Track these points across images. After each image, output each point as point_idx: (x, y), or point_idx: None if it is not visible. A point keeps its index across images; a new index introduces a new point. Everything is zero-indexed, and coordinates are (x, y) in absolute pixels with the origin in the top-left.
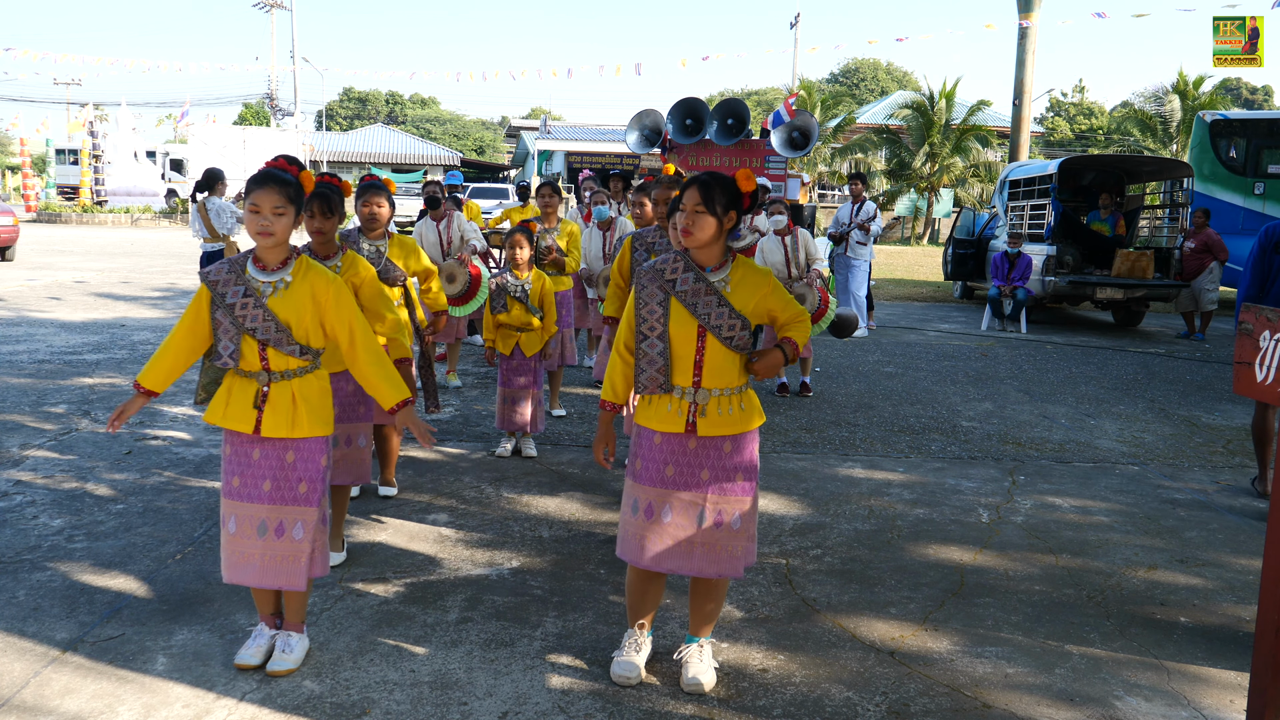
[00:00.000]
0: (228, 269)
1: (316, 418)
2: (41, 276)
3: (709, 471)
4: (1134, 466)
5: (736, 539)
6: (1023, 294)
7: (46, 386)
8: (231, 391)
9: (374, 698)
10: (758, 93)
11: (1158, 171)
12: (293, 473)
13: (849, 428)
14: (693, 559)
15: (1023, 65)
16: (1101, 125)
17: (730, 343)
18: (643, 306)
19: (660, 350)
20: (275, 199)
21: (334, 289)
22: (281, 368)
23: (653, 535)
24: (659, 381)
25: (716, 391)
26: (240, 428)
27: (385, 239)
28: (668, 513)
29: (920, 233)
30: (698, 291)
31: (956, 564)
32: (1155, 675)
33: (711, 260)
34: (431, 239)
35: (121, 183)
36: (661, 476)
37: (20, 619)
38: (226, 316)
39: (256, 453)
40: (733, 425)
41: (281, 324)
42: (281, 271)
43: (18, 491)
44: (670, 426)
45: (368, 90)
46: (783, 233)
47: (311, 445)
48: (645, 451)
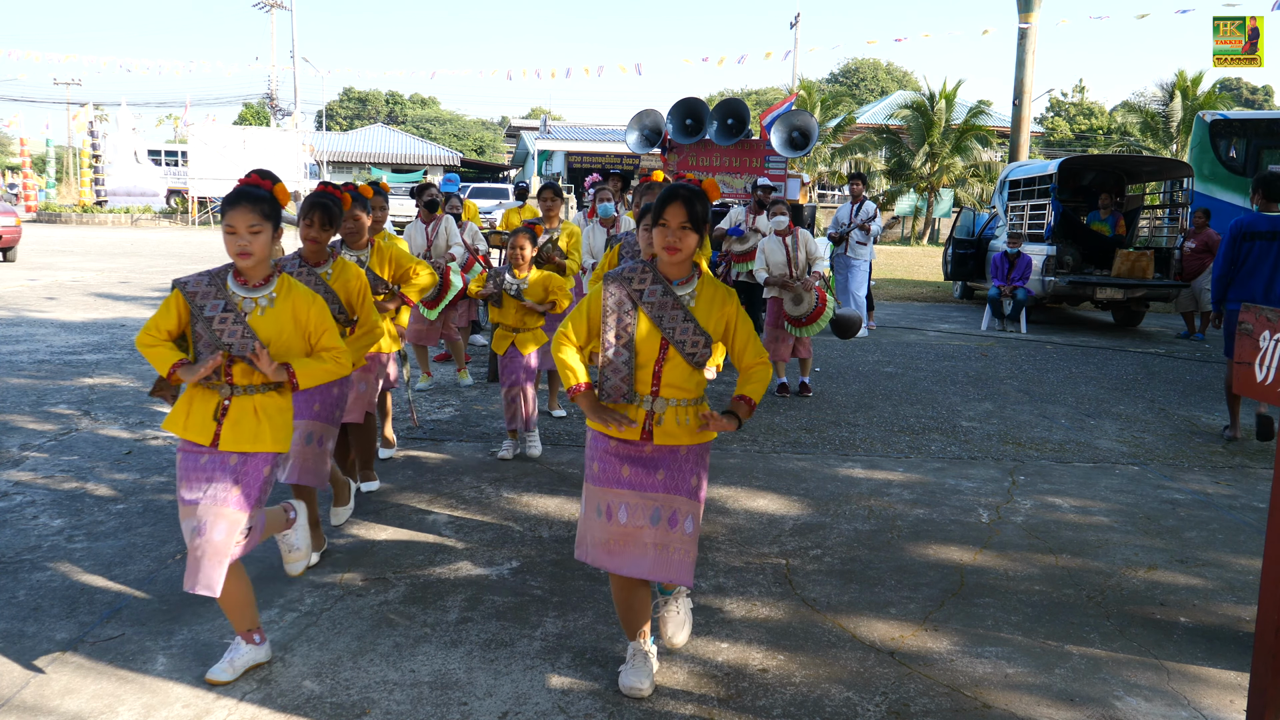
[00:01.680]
0: (207, 281)
1: (277, 434)
2: (42, 276)
3: (664, 472)
4: (1134, 466)
5: (687, 543)
6: (1023, 294)
7: (46, 386)
8: (193, 402)
9: (374, 698)
10: (757, 92)
11: (1158, 171)
12: (231, 475)
13: (849, 428)
14: (646, 560)
15: (1023, 65)
16: (1101, 125)
17: (692, 359)
18: (609, 314)
19: (625, 359)
20: (250, 217)
21: (315, 309)
22: (245, 382)
23: (610, 536)
24: (622, 390)
25: (674, 401)
26: (199, 439)
27: (367, 249)
28: (624, 513)
29: (920, 233)
30: (665, 305)
31: (956, 564)
32: (1155, 675)
33: (680, 274)
34: (419, 241)
35: (121, 183)
36: (617, 477)
37: (20, 619)
38: (205, 330)
39: (205, 458)
40: (689, 436)
41: (262, 343)
42: (265, 288)
43: (18, 492)
44: (626, 434)
45: (368, 90)
46: (784, 233)
47: (259, 456)
48: (601, 455)
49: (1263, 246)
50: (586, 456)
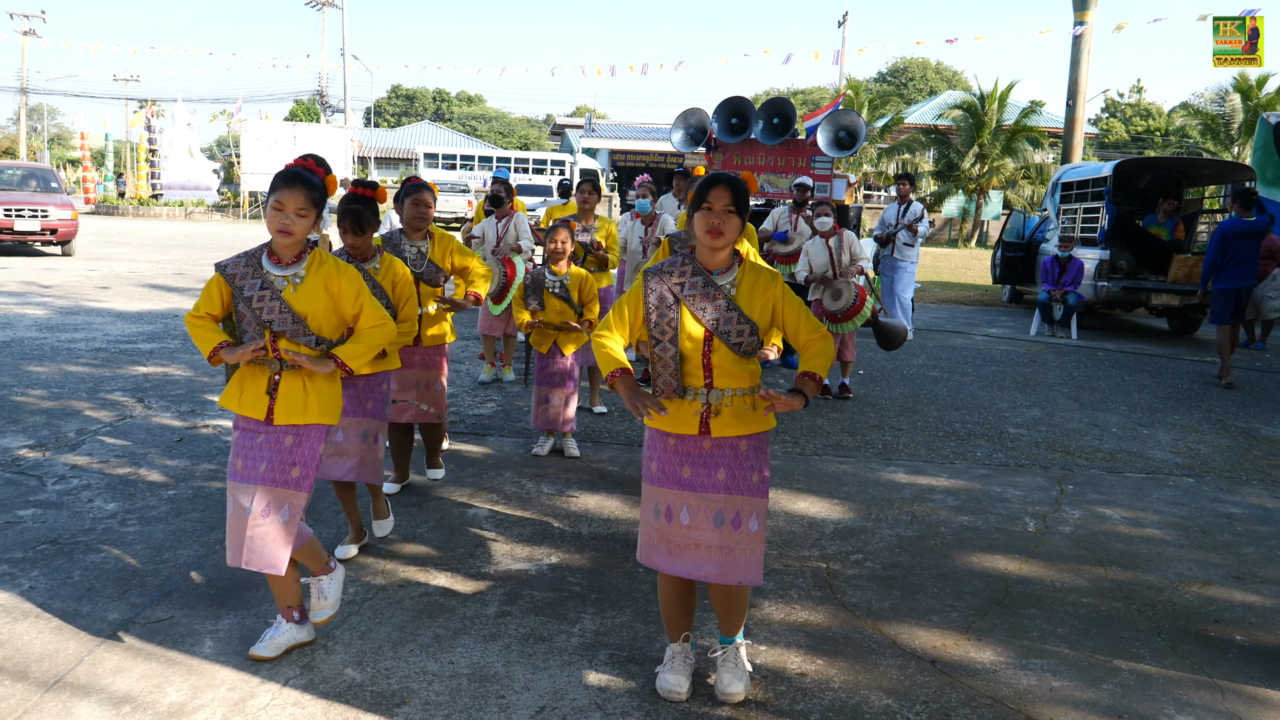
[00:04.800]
0: (244, 262)
1: (325, 406)
2: (100, 268)
3: (725, 472)
4: (1189, 478)
5: (753, 542)
6: (1074, 299)
7: (103, 374)
8: (245, 380)
9: (414, 687)
10: (804, 92)
11: (1218, 175)
12: (289, 456)
13: (892, 432)
14: (710, 563)
15: (1077, 65)
16: (1159, 127)
17: (739, 348)
18: (652, 310)
19: (673, 354)
20: (300, 199)
21: (345, 278)
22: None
23: (671, 538)
24: (673, 386)
25: (729, 391)
26: (253, 414)
27: (427, 240)
28: (685, 514)
29: (968, 235)
30: (706, 295)
31: (1001, 573)
32: (1209, 694)
33: (720, 263)
34: (490, 236)
35: (176, 177)
36: (677, 477)
37: (76, 598)
38: (247, 309)
39: (261, 437)
40: (747, 425)
41: (298, 316)
42: (295, 266)
43: (74, 475)
44: (683, 428)
45: (415, 87)
46: (828, 234)
47: (313, 432)
48: (659, 454)
49: (1245, 243)
50: (644, 456)
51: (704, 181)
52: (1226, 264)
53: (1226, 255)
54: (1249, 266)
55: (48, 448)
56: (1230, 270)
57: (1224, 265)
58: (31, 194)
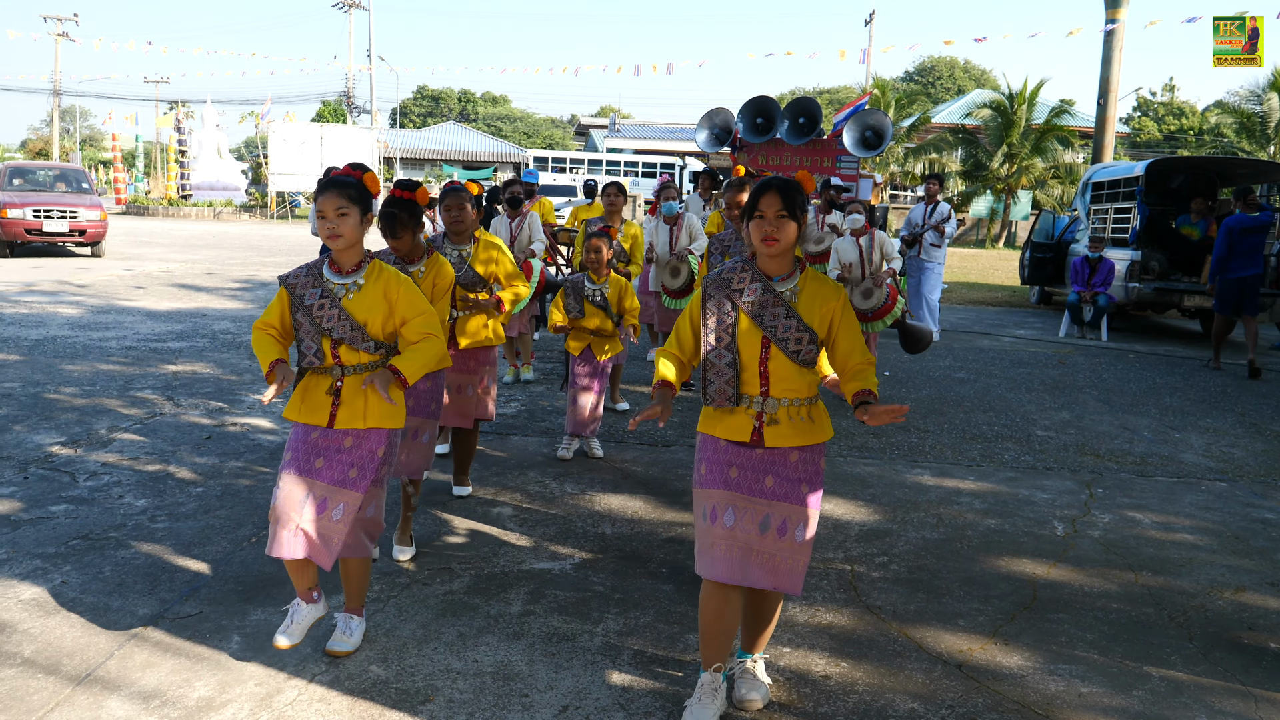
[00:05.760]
0: (305, 272)
1: (385, 411)
2: (132, 267)
3: (774, 479)
4: (1221, 483)
5: (799, 553)
6: (1104, 300)
7: (133, 372)
8: (307, 388)
9: (437, 685)
10: (830, 91)
11: (1253, 175)
12: (347, 456)
13: (918, 434)
14: (749, 568)
15: (1109, 63)
16: (1193, 126)
17: (796, 356)
18: (710, 316)
19: (729, 361)
20: (336, 201)
21: (404, 287)
22: (353, 362)
23: (715, 540)
24: (728, 394)
25: (785, 401)
26: (316, 421)
27: (470, 244)
28: (730, 515)
29: (996, 235)
30: (765, 303)
31: (1029, 577)
32: (1242, 703)
33: (781, 269)
34: (503, 236)
35: (206, 177)
36: (725, 478)
37: (106, 593)
38: (306, 318)
39: (316, 433)
40: (802, 436)
41: (357, 323)
42: (355, 274)
43: (105, 472)
44: (736, 435)
45: (441, 88)
46: (859, 233)
47: (372, 435)
48: (709, 456)
49: (1250, 238)
50: (695, 461)
51: (754, 190)
52: (1232, 257)
53: (1233, 249)
54: (1253, 257)
55: (79, 445)
56: (1235, 261)
57: (1229, 258)
58: (60, 195)
